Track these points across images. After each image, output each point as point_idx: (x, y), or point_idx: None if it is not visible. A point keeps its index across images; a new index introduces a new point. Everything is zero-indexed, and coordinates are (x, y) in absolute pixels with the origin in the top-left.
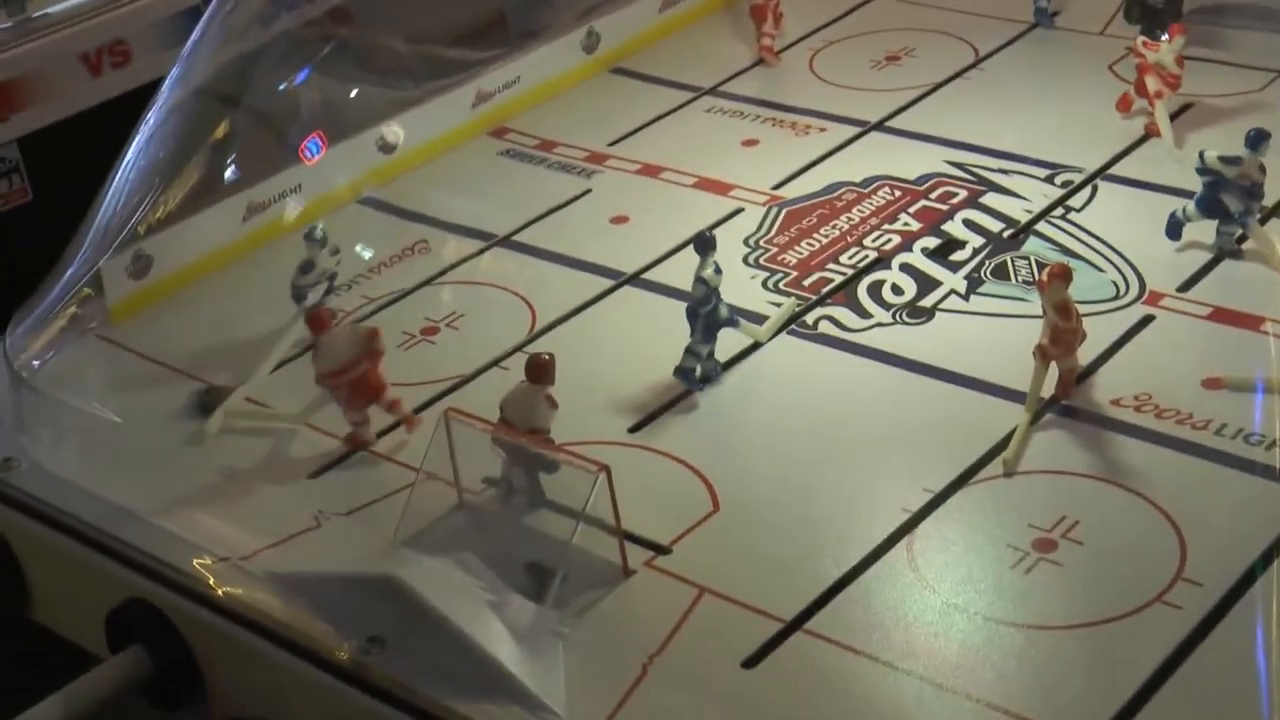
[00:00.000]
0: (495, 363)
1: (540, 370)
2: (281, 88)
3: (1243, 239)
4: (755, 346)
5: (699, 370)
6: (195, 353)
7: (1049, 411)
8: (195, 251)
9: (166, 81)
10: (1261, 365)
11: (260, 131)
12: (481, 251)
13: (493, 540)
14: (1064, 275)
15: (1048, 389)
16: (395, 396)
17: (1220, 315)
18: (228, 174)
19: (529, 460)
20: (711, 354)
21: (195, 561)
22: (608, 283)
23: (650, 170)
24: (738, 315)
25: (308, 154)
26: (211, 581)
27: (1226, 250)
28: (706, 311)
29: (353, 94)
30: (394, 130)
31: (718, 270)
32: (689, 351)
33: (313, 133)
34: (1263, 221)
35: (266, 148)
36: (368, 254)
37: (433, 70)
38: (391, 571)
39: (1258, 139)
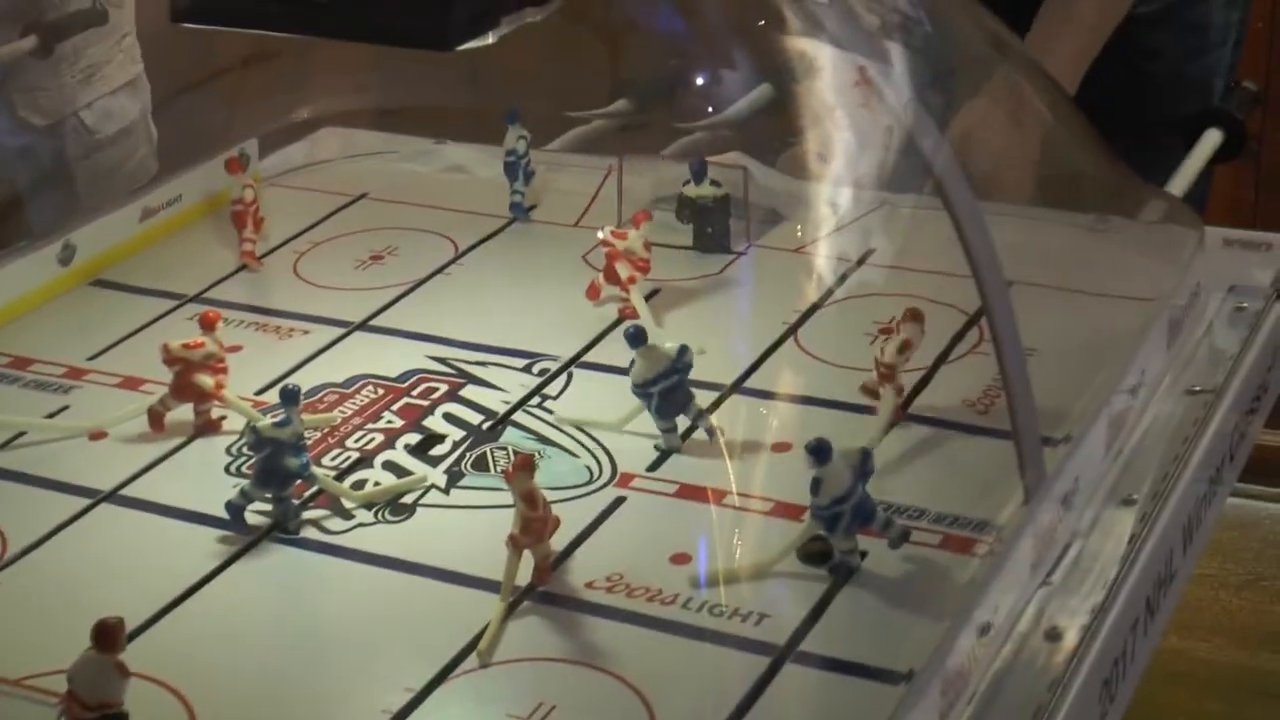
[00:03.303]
0: None
1: (110, 636)
2: None
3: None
4: (235, 558)
5: None
6: None
7: (527, 599)
8: None
9: None
10: (720, 537)
11: None
12: None
13: None
14: (526, 466)
15: (524, 577)
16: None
17: (685, 491)
18: None
19: None
20: None
21: None
22: (85, 501)
23: (131, 383)
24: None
25: None
26: None
27: (674, 448)
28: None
29: None
30: None
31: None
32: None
33: None
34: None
35: None
36: None
37: None
38: None
39: (636, 338)
